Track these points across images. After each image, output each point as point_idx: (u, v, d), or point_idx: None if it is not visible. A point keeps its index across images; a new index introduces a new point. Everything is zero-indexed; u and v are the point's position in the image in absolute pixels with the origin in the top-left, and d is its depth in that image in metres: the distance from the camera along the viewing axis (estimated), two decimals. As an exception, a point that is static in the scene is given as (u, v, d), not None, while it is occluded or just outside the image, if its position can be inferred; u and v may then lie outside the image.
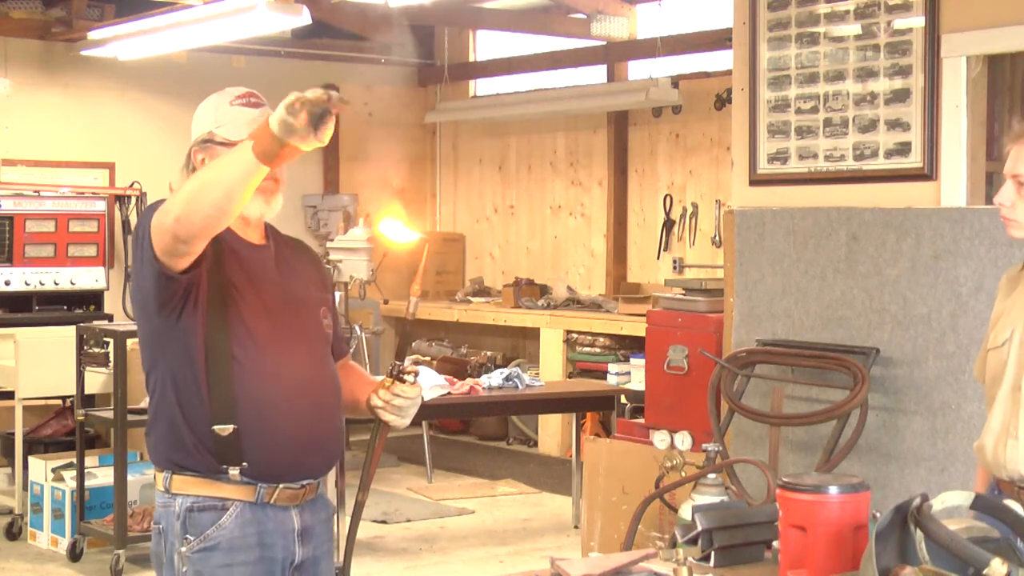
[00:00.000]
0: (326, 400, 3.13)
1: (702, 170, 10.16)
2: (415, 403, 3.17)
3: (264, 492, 3.05)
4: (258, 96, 3.16)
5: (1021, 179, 3.21)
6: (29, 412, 7.81)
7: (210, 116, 3.14)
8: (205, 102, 3.18)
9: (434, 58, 12.19)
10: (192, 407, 3.00)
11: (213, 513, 3.02)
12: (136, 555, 6.93)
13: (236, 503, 3.03)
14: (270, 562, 3.07)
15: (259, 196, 3.06)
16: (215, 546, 3.02)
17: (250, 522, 3.04)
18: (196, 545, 3.02)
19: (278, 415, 3.03)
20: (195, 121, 3.18)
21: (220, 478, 3.02)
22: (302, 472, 3.11)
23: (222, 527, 3.02)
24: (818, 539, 2.65)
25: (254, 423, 3.01)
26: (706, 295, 6.39)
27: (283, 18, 7.96)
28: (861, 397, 5.07)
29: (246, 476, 3.03)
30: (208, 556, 3.02)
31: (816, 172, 5.52)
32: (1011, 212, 3.25)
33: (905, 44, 5.22)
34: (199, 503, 3.03)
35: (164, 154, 10.77)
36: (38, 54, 10.41)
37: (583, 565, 2.95)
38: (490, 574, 6.79)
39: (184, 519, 3.03)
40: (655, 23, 10.28)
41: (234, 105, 3.12)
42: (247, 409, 3.00)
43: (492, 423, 10.75)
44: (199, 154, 3.13)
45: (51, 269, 9.51)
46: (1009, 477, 3.27)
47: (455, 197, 12.23)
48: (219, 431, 2.99)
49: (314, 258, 3.35)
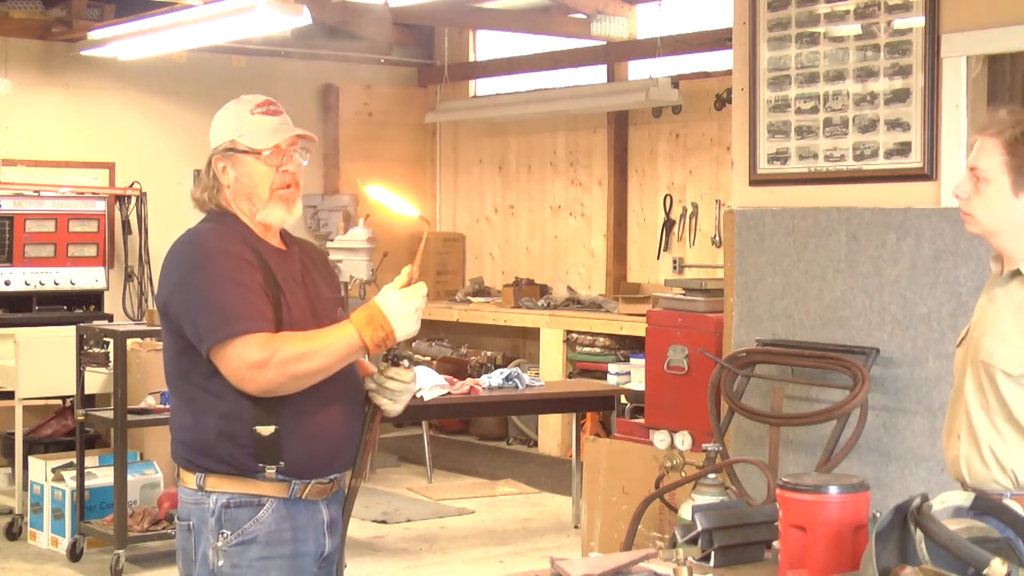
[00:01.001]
0: (353, 397, 3.23)
1: (702, 170, 10.16)
2: (409, 389, 3.21)
3: (297, 488, 3.14)
4: (276, 104, 3.26)
5: (979, 173, 3.14)
6: (29, 412, 7.81)
7: (231, 124, 3.21)
8: (223, 111, 3.26)
9: (434, 58, 12.19)
10: (235, 407, 3.08)
11: (249, 509, 3.12)
12: (136, 555, 6.93)
13: (271, 499, 3.13)
14: (303, 556, 3.18)
15: (281, 204, 3.19)
16: (252, 540, 3.11)
17: (285, 517, 3.14)
18: (233, 540, 3.11)
19: (315, 416, 3.13)
20: (214, 129, 3.24)
21: (256, 476, 3.11)
22: (332, 468, 3.21)
23: (259, 521, 3.12)
24: (818, 539, 2.65)
25: (294, 424, 3.10)
26: (706, 295, 6.38)
27: (283, 18, 7.97)
28: (861, 397, 5.07)
29: (281, 474, 3.12)
30: (245, 550, 3.11)
31: (816, 172, 5.52)
32: (967, 206, 3.17)
33: (905, 44, 5.22)
34: (235, 499, 3.12)
35: (164, 154, 10.79)
36: (38, 54, 10.41)
37: (583, 565, 2.95)
38: (490, 574, 6.79)
39: (219, 515, 3.11)
40: (655, 23, 10.28)
41: (255, 114, 3.20)
42: (289, 410, 3.09)
43: (492, 423, 10.75)
44: (220, 162, 3.21)
45: (51, 269, 9.52)
46: (956, 478, 3.27)
47: (455, 197, 12.23)
48: (261, 431, 3.07)
49: (325, 259, 3.44)
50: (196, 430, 3.14)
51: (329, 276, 3.38)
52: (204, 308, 3.04)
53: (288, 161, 3.20)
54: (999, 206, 3.12)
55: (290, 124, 3.24)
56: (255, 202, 3.19)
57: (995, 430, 3.14)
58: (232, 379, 3.04)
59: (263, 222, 3.19)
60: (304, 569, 3.18)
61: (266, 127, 3.18)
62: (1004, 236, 3.16)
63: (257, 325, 3.03)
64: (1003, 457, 3.13)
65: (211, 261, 3.08)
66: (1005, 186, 3.11)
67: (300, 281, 3.21)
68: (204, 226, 3.21)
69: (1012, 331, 3.12)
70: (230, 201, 3.21)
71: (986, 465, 3.15)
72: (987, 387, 3.15)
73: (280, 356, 3.00)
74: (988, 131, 3.15)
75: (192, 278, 3.08)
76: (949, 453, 3.28)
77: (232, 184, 3.20)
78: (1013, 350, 3.10)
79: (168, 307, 3.13)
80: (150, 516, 6.82)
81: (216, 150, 3.21)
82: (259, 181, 3.18)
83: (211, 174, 3.22)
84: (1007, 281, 3.18)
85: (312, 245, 3.45)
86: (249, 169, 3.18)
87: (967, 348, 3.25)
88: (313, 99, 11.58)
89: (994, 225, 3.16)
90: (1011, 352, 3.10)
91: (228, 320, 3.01)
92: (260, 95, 3.27)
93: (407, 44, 12.13)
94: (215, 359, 3.04)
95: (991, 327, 3.17)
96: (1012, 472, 3.12)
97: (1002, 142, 3.11)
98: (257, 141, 3.17)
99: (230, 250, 3.10)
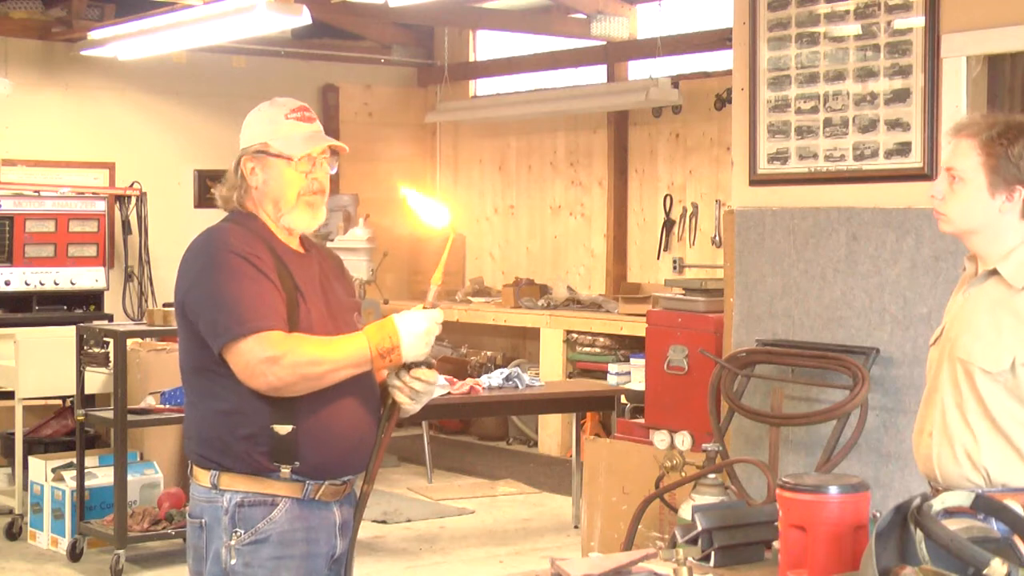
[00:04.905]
0: (370, 399, 3.24)
1: (702, 170, 10.16)
2: (431, 391, 3.23)
3: (311, 489, 3.16)
4: (310, 110, 3.30)
5: (955, 172, 3.17)
6: (29, 412, 7.81)
7: (265, 128, 3.24)
8: (256, 112, 3.29)
9: (434, 58, 12.19)
10: (252, 405, 3.09)
11: (263, 508, 3.13)
12: (136, 555, 6.93)
13: (285, 499, 3.14)
14: (315, 557, 3.20)
15: (307, 210, 3.23)
16: (266, 539, 3.13)
17: (298, 517, 3.16)
18: (246, 538, 3.13)
19: (332, 417, 3.14)
20: (246, 130, 3.27)
21: (271, 476, 3.12)
22: (346, 469, 3.23)
23: (272, 521, 3.13)
24: (818, 539, 2.65)
25: (311, 424, 3.12)
26: (706, 295, 6.38)
27: (283, 18, 7.96)
28: (861, 397, 5.07)
29: (296, 474, 3.13)
30: (258, 549, 3.13)
31: (816, 172, 5.52)
32: (942, 206, 3.20)
33: (905, 44, 5.22)
34: (249, 498, 3.13)
35: (164, 154, 10.79)
36: (38, 54, 10.41)
37: (583, 565, 2.95)
38: (490, 574, 6.79)
39: (233, 514, 3.13)
40: (655, 23, 10.28)
41: (290, 119, 3.23)
42: (306, 410, 3.11)
43: (492, 423, 10.75)
44: (250, 162, 3.24)
45: (51, 269, 9.51)
46: (926, 475, 3.30)
47: (455, 197, 12.22)
48: (278, 430, 3.09)
49: (340, 263, 3.46)
50: (211, 427, 3.15)
51: (346, 281, 3.41)
52: (220, 305, 3.06)
53: (318, 168, 3.24)
54: (975, 206, 3.16)
55: (323, 133, 3.28)
56: (281, 206, 3.21)
57: (969, 428, 3.17)
58: (242, 375, 3.05)
59: (287, 226, 3.23)
60: (316, 570, 3.20)
61: (300, 134, 3.21)
62: (979, 236, 3.20)
63: (271, 323, 3.05)
64: (975, 455, 3.16)
65: (229, 260, 3.10)
66: (981, 186, 3.15)
67: (319, 285, 3.24)
68: (225, 225, 3.23)
69: (989, 329, 3.15)
70: (256, 202, 3.24)
71: (958, 463, 3.18)
72: (964, 384, 3.18)
73: (293, 356, 3.03)
74: (964, 132, 3.19)
75: (209, 275, 3.10)
76: (920, 451, 3.30)
77: (260, 186, 3.22)
78: (990, 347, 3.14)
79: (185, 303, 3.15)
80: (150, 516, 6.82)
81: (247, 151, 3.24)
82: (287, 186, 3.21)
83: (239, 174, 3.25)
84: (983, 280, 3.22)
85: (330, 251, 3.47)
86: (279, 173, 3.21)
87: (942, 347, 3.27)
88: (313, 99, 11.57)
89: (969, 225, 3.19)
90: (988, 349, 3.14)
91: (243, 318, 3.04)
92: (295, 100, 3.30)
93: (407, 44, 12.12)
94: (227, 355, 3.06)
95: (968, 325, 3.20)
96: (984, 469, 3.15)
97: (979, 143, 3.15)
98: (290, 147, 3.20)
99: (248, 250, 3.12)
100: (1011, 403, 3.13)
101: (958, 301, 3.30)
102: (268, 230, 3.22)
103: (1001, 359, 3.12)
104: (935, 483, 3.23)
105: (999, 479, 3.12)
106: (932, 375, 3.31)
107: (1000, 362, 3.12)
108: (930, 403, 3.29)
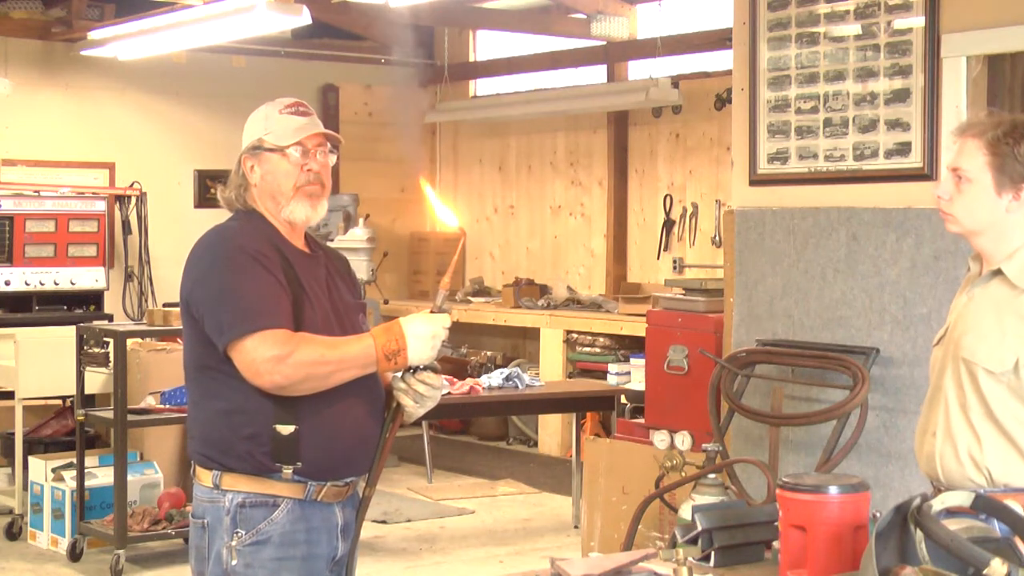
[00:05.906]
0: (374, 400, 3.24)
1: (702, 170, 10.16)
2: (436, 395, 3.22)
3: (313, 490, 3.15)
4: (306, 105, 3.30)
5: (961, 173, 3.17)
6: (29, 412, 7.81)
7: (260, 125, 3.27)
8: (256, 112, 3.32)
9: (434, 58, 12.19)
10: (255, 404, 3.09)
11: (265, 509, 3.13)
12: (136, 555, 6.93)
13: (287, 500, 3.14)
14: (316, 558, 3.19)
15: (305, 201, 3.23)
16: (267, 540, 3.13)
17: (300, 518, 3.15)
18: (247, 539, 3.12)
19: (335, 418, 3.14)
20: (246, 130, 3.30)
21: (272, 476, 3.12)
22: (349, 471, 3.22)
23: (274, 522, 3.13)
24: (818, 539, 2.65)
25: (314, 424, 3.11)
26: (706, 295, 6.38)
27: (283, 18, 7.97)
28: (861, 397, 5.07)
29: (298, 475, 3.13)
30: (259, 549, 3.12)
31: (816, 172, 5.52)
32: (948, 206, 3.20)
33: (905, 44, 5.22)
34: (250, 499, 3.13)
35: (164, 154, 10.79)
36: (38, 54, 10.41)
37: (583, 565, 2.95)
38: (490, 574, 6.79)
39: (234, 514, 3.12)
40: (655, 23, 10.28)
41: (283, 113, 3.26)
42: (310, 410, 3.10)
43: (492, 423, 10.75)
44: (248, 160, 3.26)
45: (51, 269, 9.52)
46: (928, 475, 3.29)
47: (455, 197, 12.22)
48: (280, 430, 3.08)
49: (347, 264, 3.46)
50: (214, 426, 3.15)
51: (352, 283, 3.40)
52: (226, 302, 3.07)
53: (312, 159, 3.24)
54: (981, 206, 3.16)
55: (318, 124, 3.28)
56: (279, 199, 3.22)
57: (972, 428, 3.17)
58: (247, 373, 3.04)
59: (288, 219, 3.22)
60: (317, 571, 3.20)
61: (291, 126, 3.23)
62: (985, 236, 3.20)
63: (277, 321, 3.05)
64: (978, 455, 3.16)
65: (235, 257, 3.10)
66: (988, 185, 3.15)
67: (324, 285, 3.24)
68: (230, 223, 3.25)
69: (993, 329, 3.16)
70: (256, 200, 3.25)
71: (960, 463, 3.18)
72: (967, 384, 3.18)
73: (299, 355, 3.03)
74: (969, 132, 3.19)
75: (214, 273, 3.11)
76: (923, 450, 3.30)
77: (258, 183, 3.24)
78: (994, 348, 3.14)
79: (190, 300, 3.15)
80: (150, 516, 6.82)
81: (245, 149, 3.26)
82: (283, 178, 3.22)
83: (240, 173, 3.27)
84: (987, 280, 3.22)
85: (336, 251, 3.47)
86: (274, 167, 3.22)
87: (946, 347, 3.28)
88: (313, 99, 11.57)
89: (975, 224, 3.19)
90: (992, 350, 3.14)
91: (248, 316, 3.04)
92: (292, 97, 3.32)
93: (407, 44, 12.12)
94: (232, 353, 3.06)
95: (972, 325, 3.20)
96: (987, 470, 3.15)
97: (984, 143, 3.15)
98: (281, 139, 3.21)
99: (253, 248, 3.12)
100: (1014, 403, 3.13)
101: (962, 301, 3.29)
102: (274, 229, 3.23)
103: (1005, 359, 3.12)
104: (937, 483, 3.23)
105: (1001, 479, 3.13)
106: (936, 375, 3.30)
107: (1004, 362, 3.12)
108: (934, 403, 3.29)
